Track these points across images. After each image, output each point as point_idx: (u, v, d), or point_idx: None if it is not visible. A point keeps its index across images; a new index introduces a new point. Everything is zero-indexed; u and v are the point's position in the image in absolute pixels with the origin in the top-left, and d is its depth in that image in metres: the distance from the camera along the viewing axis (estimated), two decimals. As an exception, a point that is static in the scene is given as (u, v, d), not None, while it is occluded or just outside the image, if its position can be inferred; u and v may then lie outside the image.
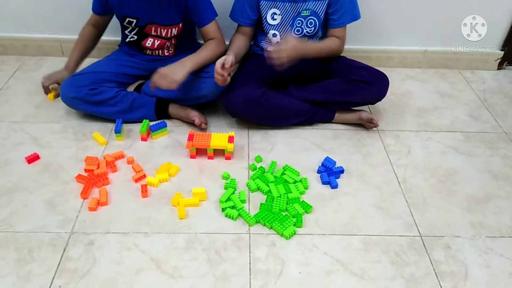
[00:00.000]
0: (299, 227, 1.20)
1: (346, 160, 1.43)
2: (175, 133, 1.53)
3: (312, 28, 1.52)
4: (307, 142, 1.51)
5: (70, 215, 1.21)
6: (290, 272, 1.09)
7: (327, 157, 1.42)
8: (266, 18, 1.51)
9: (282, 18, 1.51)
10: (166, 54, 1.60)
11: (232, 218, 1.21)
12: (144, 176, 1.33)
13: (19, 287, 1.03)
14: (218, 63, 1.35)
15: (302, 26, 1.52)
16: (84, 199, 1.25)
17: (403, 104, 1.74)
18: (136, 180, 1.32)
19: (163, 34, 1.52)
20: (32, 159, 1.37)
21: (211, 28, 1.50)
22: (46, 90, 1.64)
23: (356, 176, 1.38)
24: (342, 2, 1.47)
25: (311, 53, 1.50)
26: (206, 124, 1.54)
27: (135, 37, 1.55)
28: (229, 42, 1.55)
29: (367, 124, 1.57)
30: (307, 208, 1.25)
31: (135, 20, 1.49)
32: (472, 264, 1.13)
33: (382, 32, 1.90)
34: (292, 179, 1.34)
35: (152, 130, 1.48)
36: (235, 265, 1.10)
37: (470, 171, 1.43)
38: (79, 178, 1.31)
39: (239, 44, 1.53)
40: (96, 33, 1.62)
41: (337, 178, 1.36)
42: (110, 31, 1.66)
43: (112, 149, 1.44)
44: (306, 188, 1.32)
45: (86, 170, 1.34)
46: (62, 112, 1.59)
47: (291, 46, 1.42)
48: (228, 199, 1.26)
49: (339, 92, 1.51)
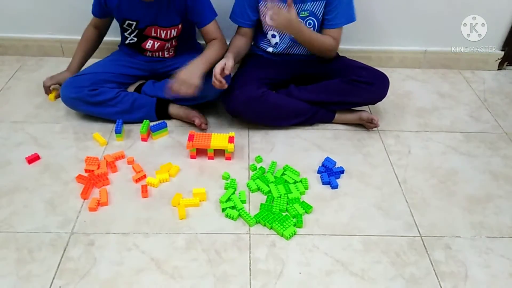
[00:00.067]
0: (299, 228, 1.20)
1: (346, 160, 1.43)
2: (176, 133, 1.53)
3: (311, 29, 1.52)
4: (307, 142, 1.51)
5: (70, 215, 1.21)
6: (290, 272, 1.09)
7: (327, 157, 1.42)
8: (265, 19, 1.51)
9: None
10: (166, 55, 1.60)
11: (232, 219, 1.21)
12: (144, 176, 1.33)
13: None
14: (218, 68, 1.35)
15: (301, 27, 1.52)
16: (85, 199, 1.25)
17: (403, 104, 1.74)
18: (137, 181, 1.32)
19: (163, 35, 1.52)
20: (33, 159, 1.37)
21: (211, 28, 1.50)
22: (47, 90, 1.64)
23: (356, 177, 1.38)
24: (338, 3, 1.46)
25: (304, 35, 1.46)
26: (207, 124, 1.54)
27: (135, 39, 1.55)
28: (229, 44, 1.54)
29: (367, 124, 1.57)
30: (307, 208, 1.25)
31: (134, 23, 1.49)
32: (472, 265, 1.13)
33: (382, 32, 1.89)
34: (292, 179, 1.34)
35: (152, 131, 1.48)
36: (235, 265, 1.09)
37: (470, 172, 1.42)
38: (80, 178, 1.31)
39: (239, 46, 1.53)
40: (98, 34, 1.63)
41: (337, 179, 1.36)
42: (111, 31, 1.66)
43: (112, 149, 1.44)
44: (306, 188, 1.32)
45: (86, 171, 1.34)
46: (63, 112, 1.59)
47: (291, 15, 1.39)
48: (228, 199, 1.26)
49: (339, 92, 1.51)
